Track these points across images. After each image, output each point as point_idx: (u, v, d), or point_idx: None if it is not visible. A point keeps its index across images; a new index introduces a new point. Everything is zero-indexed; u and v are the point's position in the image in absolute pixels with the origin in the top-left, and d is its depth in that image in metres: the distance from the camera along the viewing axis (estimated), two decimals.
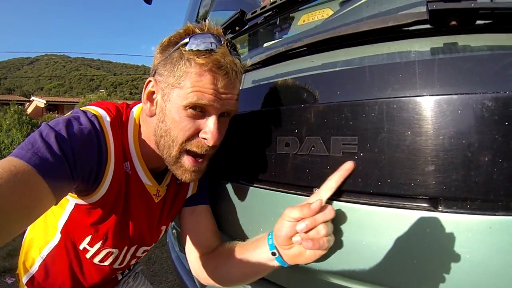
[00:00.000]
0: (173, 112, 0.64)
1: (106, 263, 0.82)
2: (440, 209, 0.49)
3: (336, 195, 0.59)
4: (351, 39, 0.62)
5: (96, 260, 0.80)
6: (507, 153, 0.44)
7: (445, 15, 0.49)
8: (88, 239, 0.75)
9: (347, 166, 0.56)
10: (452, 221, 0.48)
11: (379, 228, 0.53)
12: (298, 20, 1.15)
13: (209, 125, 0.64)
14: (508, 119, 0.44)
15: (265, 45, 1.09)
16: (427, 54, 0.54)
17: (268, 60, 0.82)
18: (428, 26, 0.53)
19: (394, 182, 0.51)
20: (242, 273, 0.73)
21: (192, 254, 0.86)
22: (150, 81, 0.69)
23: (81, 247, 0.77)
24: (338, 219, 0.58)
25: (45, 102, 29.45)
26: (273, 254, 0.64)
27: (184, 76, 0.62)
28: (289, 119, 0.65)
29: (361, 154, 0.54)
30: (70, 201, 0.71)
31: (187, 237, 0.88)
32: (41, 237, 0.81)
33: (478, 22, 0.50)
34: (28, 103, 30.73)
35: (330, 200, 0.59)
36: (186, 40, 0.62)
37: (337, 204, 0.59)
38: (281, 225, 0.61)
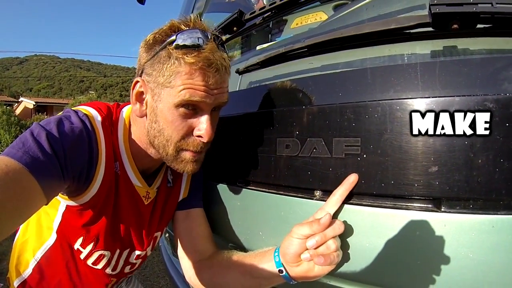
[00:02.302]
0: (165, 112, 0.64)
1: (99, 266, 0.80)
2: (443, 210, 0.49)
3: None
4: (353, 41, 0.62)
5: (89, 262, 0.79)
6: (508, 153, 0.45)
7: (447, 18, 0.50)
8: (80, 240, 0.75)
9: (351, 179, 0.56)
10: (455, 221, 0.48)
11: (382, 229, 0.54)
12: (291, 23, 1.15)
13: (203, 122, 0.65)
14: (508, 120, 0.45)
15: (258, 47, 1.09)
16: (429, 56, 0.55)
17: (266, 61, 0.82)
18: (430, 28, 0.53)
19: (397, 183, 0.52)
20: (243, 286, 0.72)
21: (186, 260, 0.85)
22: (137, 81, 0.68)
23: (75, 248, 0.77)
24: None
25: (34, 103, 28.90)
26: (280, 271, 0.63)
27: (174, 75, 0.61)
28: (290, 121, 0.65)
29: (364, 156, 0.54)
30: (62, 202, 0.71)
31: (181, 242, 0.87)
32: (35, 239, 0.80)
33: (478, 25, 0.51)
34: (16, 104, 30.17)
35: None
36: (173, 37, 0.62)
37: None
38: (290, 243, 0.60)
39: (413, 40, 0.57)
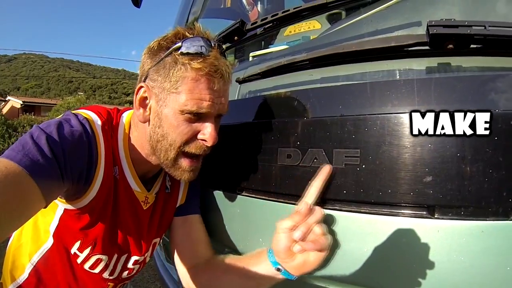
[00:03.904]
0: (170, 117, 0.66)
1: (96, 270, 0.80)
2: (436, 216, 0.53)
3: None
4: (353, 56, 0.65)
5: (86, 266, 0.79)
6: (496, 165, 0.49)
7: (443, 38, 0.54)
8: (78, 244, 0.75)
9: (326, 170, 0.59)
10: (447, 227, 0.52)
11: (379, 235, 0.56)
12: (284, 31, 1.17)
13: (207, 127, 0.67)
14: (497, 134, 0.49)
15: (251, 54, 1.10)
16: (424, 72, 0.59)
17: (268, 71, 0.83)
18: (427, 47, 0.57)
19: (394, 192, 0.55)
20: (243, 287, 0.74)
21: (182, 266, 0.86)
22: (141, 87, 0.69)
23: (72, 252, 0.76)
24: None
25: (22, 103, 28.20)
26: (278, 270, 0.65)
27: (181, 81, 0.63)
28: (292, 131, 0.67)
29: (363, 166, 0.57)
30: (59, 206, 0.71)
31: (178, 248, 0.87)
32: (31, 243, 0.79)
33: (472, 46, 0.55)
34: (3, 103, 29.36)
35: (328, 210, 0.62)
36: (179, 44, 0.63)
37: (339, 214, 0.62)
38: (278, 239, 0.62)
39: (410, 57, 0.61)
